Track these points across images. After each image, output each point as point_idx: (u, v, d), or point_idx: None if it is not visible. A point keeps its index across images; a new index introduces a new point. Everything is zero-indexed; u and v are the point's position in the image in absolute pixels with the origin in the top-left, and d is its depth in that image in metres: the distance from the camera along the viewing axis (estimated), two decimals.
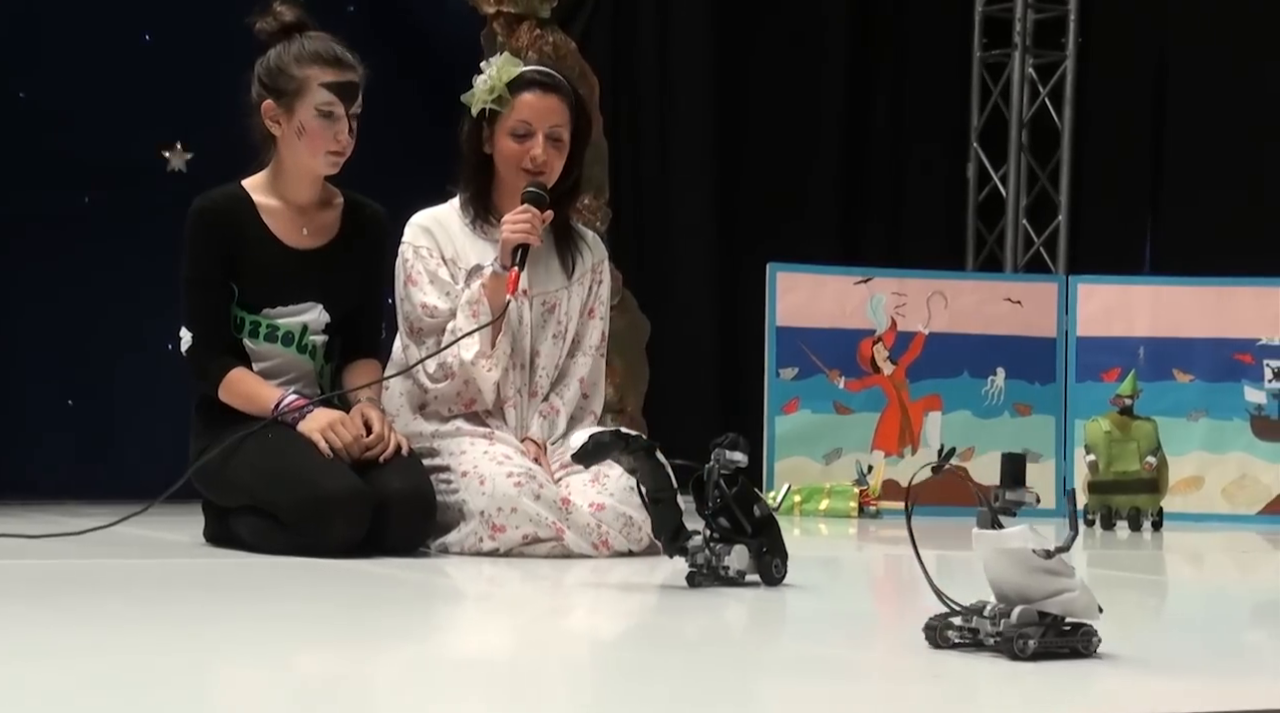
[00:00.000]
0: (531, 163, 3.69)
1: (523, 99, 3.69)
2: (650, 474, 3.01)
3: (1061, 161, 6.67)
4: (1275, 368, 5.37)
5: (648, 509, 3.06)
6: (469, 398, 3.68)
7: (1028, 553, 2.22)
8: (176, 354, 3.74)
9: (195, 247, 3.64)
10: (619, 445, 2.96)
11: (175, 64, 5.21)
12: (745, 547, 3.03)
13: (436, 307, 3.68)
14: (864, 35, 6.66)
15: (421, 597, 3.03)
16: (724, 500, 3.02)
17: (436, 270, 3.70)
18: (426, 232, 3.74)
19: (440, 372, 3.66)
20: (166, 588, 3.05)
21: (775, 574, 3.05)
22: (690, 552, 3.01)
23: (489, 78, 3.70)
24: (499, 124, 3.70)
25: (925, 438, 5.46)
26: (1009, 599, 2.25)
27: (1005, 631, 2.22)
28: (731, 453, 3.00)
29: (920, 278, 5.57)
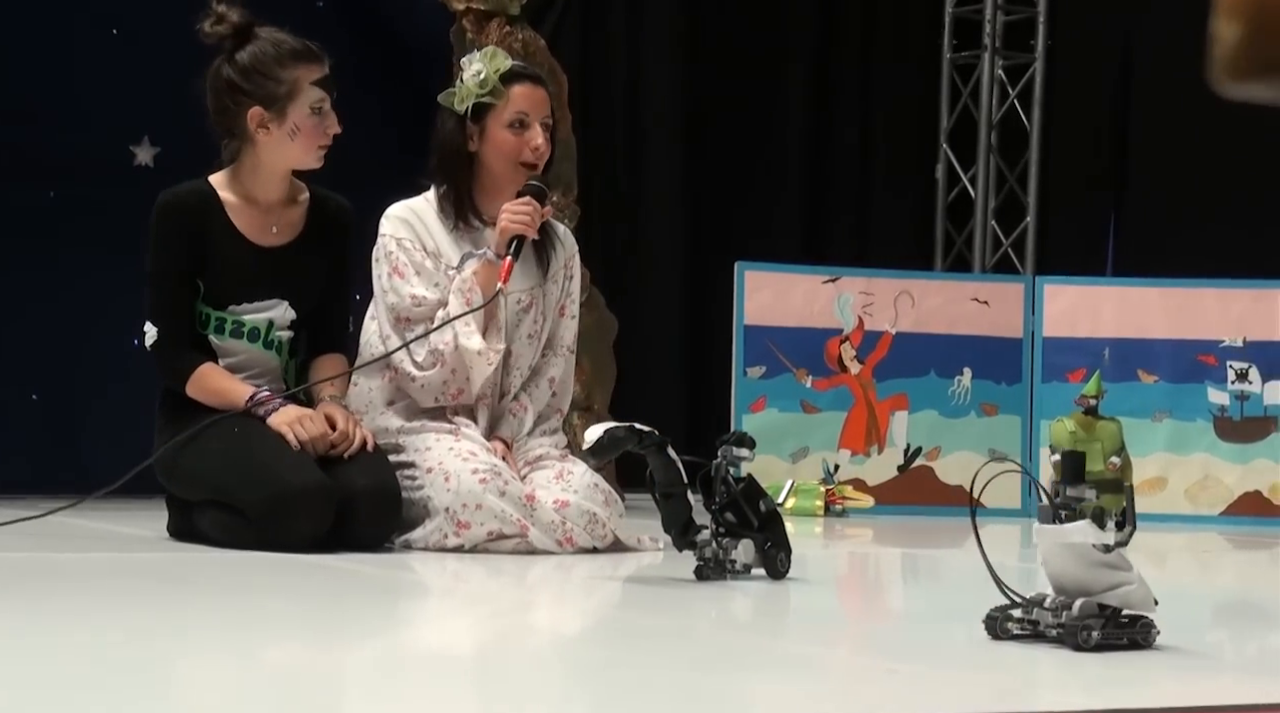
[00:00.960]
0: (532, 154, 3.66)
1: (517, 91, 3.66)
2: (662, 469, 3.07)
3: (1030, 163, 6.70)
4: (1238, 369, 5.40)
5: (658, 504, 3.10)
6: (456, 388, 3.64)
7: (1088, 547, 2.31)
8: (142, 349, 3.72)
9: (160, 241, 3.62)
10: (633, 440, 3.02)
11: (142, 59, 5.18)
12: (751, 541, 3.10)
13: (425, 297, 3.65)
14: (833, 35, 6.67)
15: (387, 592, 3.03)
16: (731, 496, 3.09)
17: (423, 262, 3.67)
18: (406, 224, 3.70)
19: (430, 358, 3.62)
20: (130, 582, 3.04)
21: (780, 568, 3.12)
22: (699, 546, 3.08)
23: (479, 72, 3.65)
24: (490, 118, 3.66)
25: (892, 437, 5.47)
26: (1068, 592, 2.33)
27: (1068, 622, 2.30)
28: (738, 449, 3.09)
29: (887, 278, 5.58)
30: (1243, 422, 5.38)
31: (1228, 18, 1.21)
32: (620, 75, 6.36)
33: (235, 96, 3.59)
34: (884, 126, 6.74)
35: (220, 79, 3.61)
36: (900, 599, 3.36)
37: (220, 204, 3.64)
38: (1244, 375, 5.38)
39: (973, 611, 3.12)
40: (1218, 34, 1.20)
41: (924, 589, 3.64)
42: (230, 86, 3.59)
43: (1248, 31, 1.19)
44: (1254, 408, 5.38)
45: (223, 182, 3.67)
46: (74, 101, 5.14)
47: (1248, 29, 1.20)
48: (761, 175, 6.53)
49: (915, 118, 6.81)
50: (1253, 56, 1.19)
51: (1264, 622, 3.05)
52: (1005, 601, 2.39)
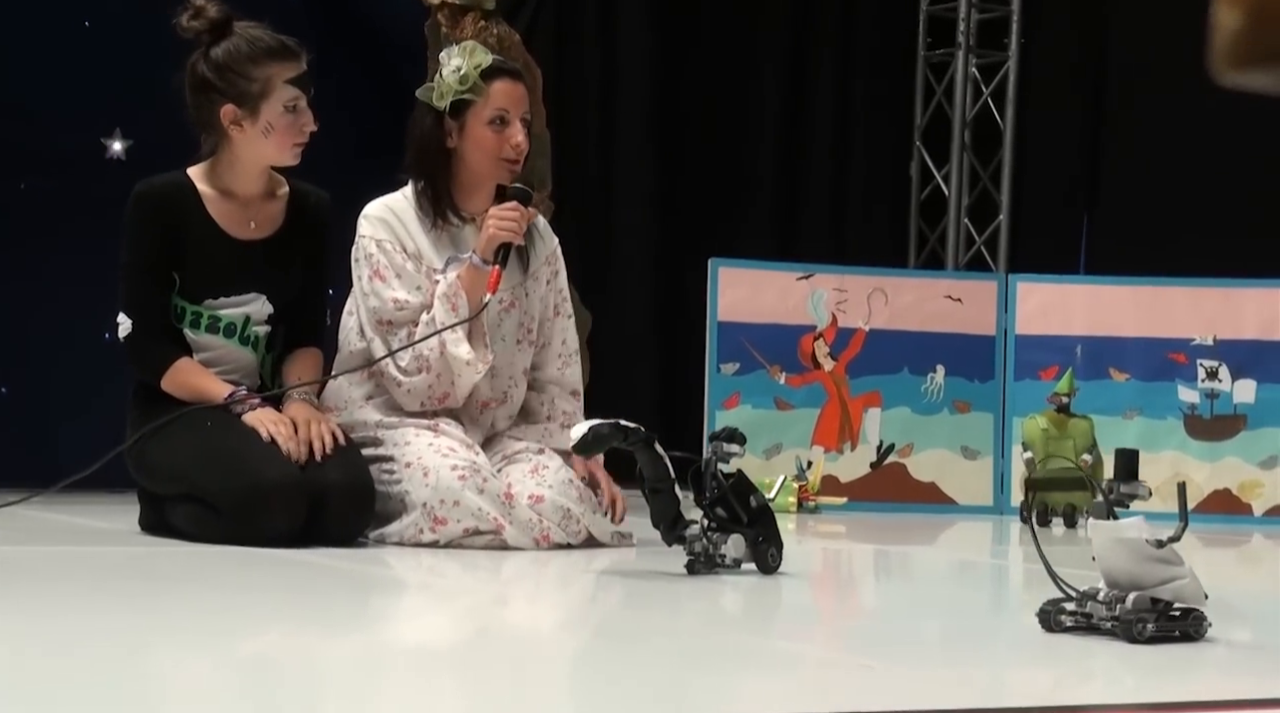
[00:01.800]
0: (513, 150, 3.62)
1: (497, 87, 3.63)
2: (650, 465, 3.08)
3: (1003, 161, 6.71)
4: (1208, 368, 5.42)
5: (646, 499, 3.11)
6: (442, 392, 3.61)
7: (1141, 542, 2.37)
8: (115, 342, 3.70)
9: (136, 232, 3.60)
10: (618, 436, 3.03)
11: (114, 50, 5.16)
12: (742, 536, 3.13)
13: (407, 300, 3.61)
14: (808, 33, 6.68)
15: (361, 587, 3.02)
16: (721, 491, 3.12)
17: (403, 265, 3.63)
18: (385, 224, 3.66)
19: (415, 364, 3.59)
20: (102, 576, 3.03)
21: (771, 563, 3.15)
22: (688, 540, 3.10)
23: (459, 67, 3.61)
24: (470, 115, 3.62)
25: (865, 434, 5.48)
26: (1121, 586, 2.39)
27: (1123, 615, 2.36)
28: (729, 445, 3.11)
29: (861, 275, 5.59)
30: (1212, 420, 5.41)
31: (1228, 6, 1.21)
32: (595, 70, 6.36)
33: (209, 93, 3.57)
34: (858, 124, 6.75)
35: (195, 75, 3.59)
36: (873, 595, 3.37)
37: (198, 197, 3.62)
38: (1214, 374, 5.41)
39: (946, 606, 3.14)
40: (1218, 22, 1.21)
41: (897, 585, 3.65)
42: (204, 83, 3.57)
43: (1248, 20, 1.20)
44: (1224, 406, 5.41)
45: (201, 174, 3.65)
46: (45, 93, 5.11)
47: (1248, 17, 1.20)
48: (736, 171, 6.53)
49: (889, 116, 6.82)
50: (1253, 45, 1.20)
51: (1240, 619, 3.06)
52: (974, 599, 2.41)
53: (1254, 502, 5.31)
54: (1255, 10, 1.21)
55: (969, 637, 2.65)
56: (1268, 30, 1.20)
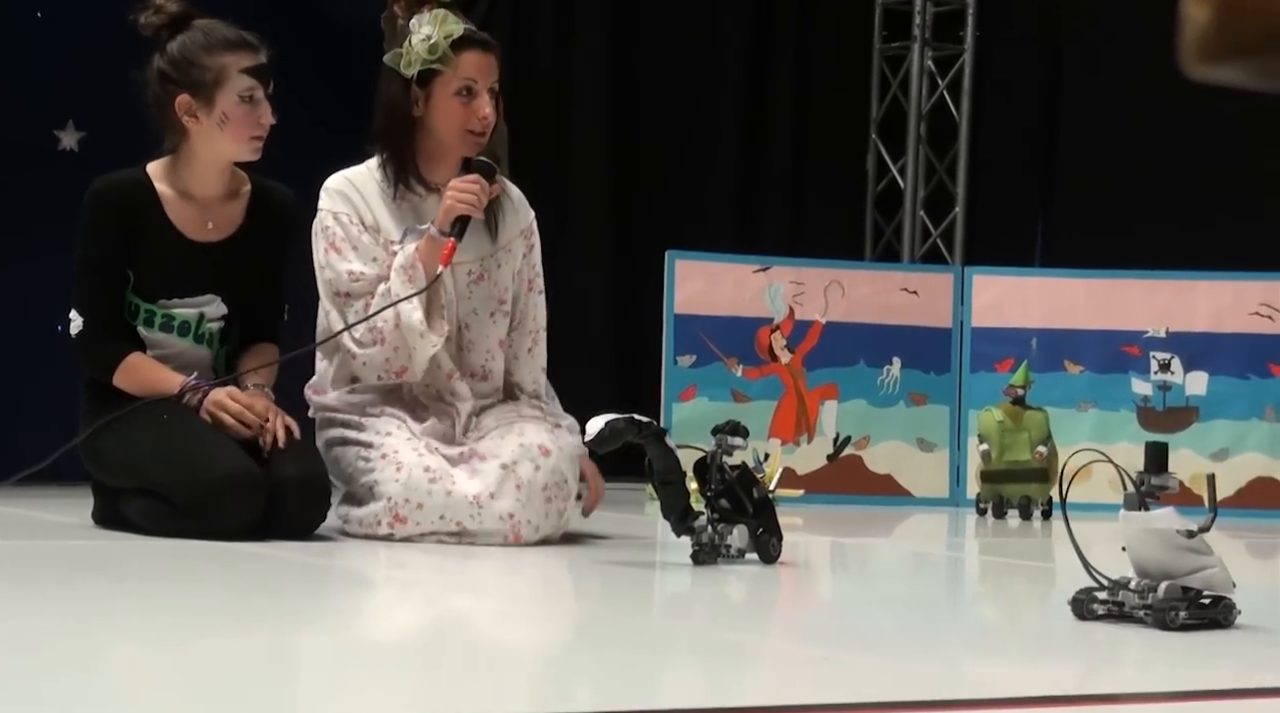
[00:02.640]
0: (480, 123, 3.57)
1: (466, 58, 3.57)
2: (660, 458, 3.17)
3: (959, 154, 6.74)
4: (1161, 360, 5.46)
5: (656, 492, 3.19)
6: (399, 366, 3.56)
7: (1172, 533, 2.45)
8: (67, 336, 3.68)
9: (91, 229, 3.57)
10: (632, 431, 3.12)
11: (68, 42, 5.13)
12: (745, 527, 3.23)
13: (363, 272, 3.57)
14: (764, 26, 6.68)
15: (318, 580, 3.02)
16: (726, 483, 3.23)
17: (360, 237, 3.59)
18: (344, 197, 3.62)
19: (370, 336, 3.55)
20: (56, 569, 3.02)
21: (772, 553, 3.25)
22: (695, 531, 3.19)
23: (429, 36, 3.56)
24: (438, 84, 3.57)
25: (821, 426, 5.50)
26: (1151, 575, 2.47)
27: (1156, 604, 2.44)
28: (733, 438, 3.22)
29: (818, 267, 5.60)
30: (1165, 412, 5.45)
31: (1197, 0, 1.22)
32: (550, 62, 6.34)
33: (165, 85, 3.55)
34: (815, 117, 6.76)
35: (153, 69, 3.57)
36: (830, 587, 3.38)
37: (156, 196, 3.59)
38: (1166, 366, 5.45)
39: (904, 598, 3.15)
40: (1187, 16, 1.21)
41: (853, 577, 3.66)
42: (161, 76, 3.56)
43: (1217, 14, 1.21)
44: (1176, 398, 5.45)
45: (160, 173, 3.62)
46: None
47: (1217, 12, 1.21)
48: (693, 164, 6.53)
49: (845, 108, 6.83)
50: (1222, 39, 1.21)
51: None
52: (929, 592, 2.44)
53: (1205, 494, 5.35)
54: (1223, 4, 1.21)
55: (942, 629, 2.67)
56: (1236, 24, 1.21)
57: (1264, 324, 5.41)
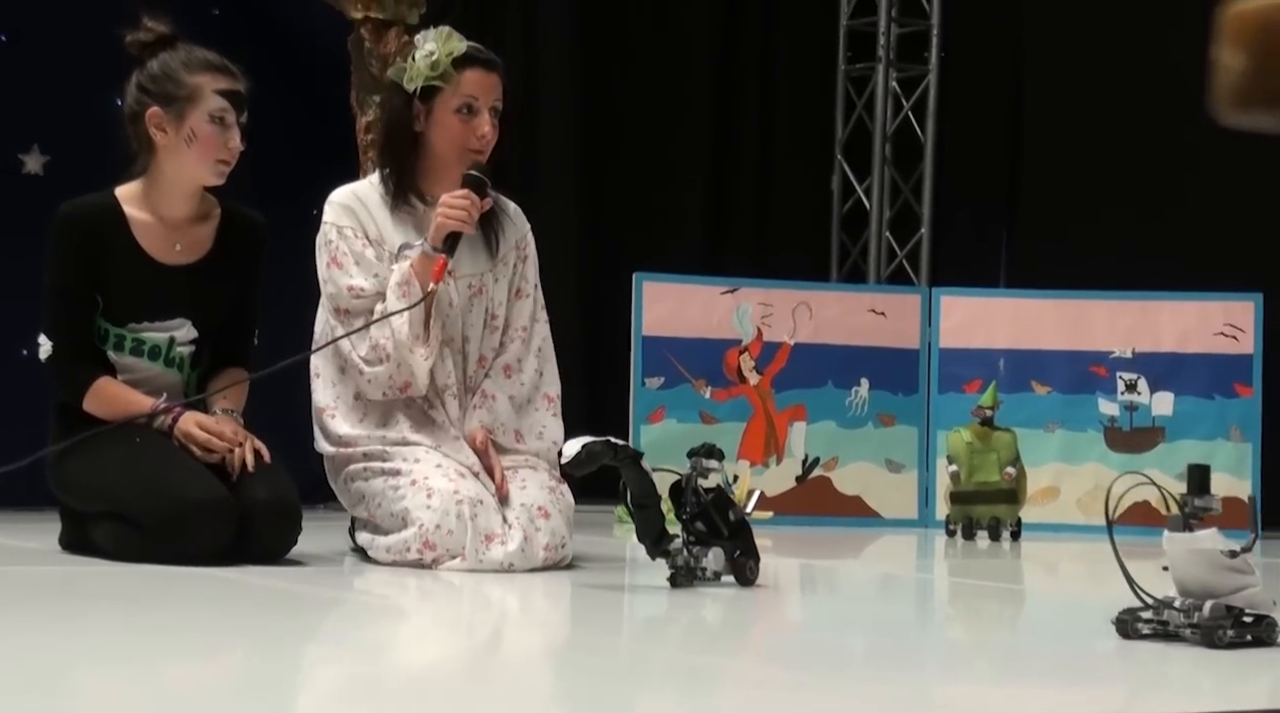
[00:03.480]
0: (479, 141, 3.59)
1: (468, 75, 3.59)
2: (636, 481, 3.18)
3: (924, 174, 6.76)
4: (1127, 380, 5.48)
5: (632, 515, 3.21)
6: (403, 381, 3.57)
7: (1215, 553, 2.52)
8: (30, 360, 3.66)
9: (59, 254, 3.56)
10: (609, 454, 3.13)
11: (33, 65, 5.11)
12: (721, 549, 3.24)
13: (363, 288, 3.59)
14: (728, 47, 6.70)
15: (291, 605, 3.00)
16: (701, 506, 3.24)
17: (363, 251, 3.60)
18: (349, 210, 3.63)
19: (373, 355, 3.56)
20: (23, 595, 2.99)
21: (749, 575, 3.26)
22: (671, 554, 3.20)
23: (432, 52, 3.58)
24: (439, 101, 3.59)
25: (790, 448, 5.50)
26: (1194, 594, 2.54)
27: (1203, 622, 2.52)
28: (708, 461, 3.25)
29: (786, 289, 5.61)
30: (1132, 432, 5.47)
31: (1233, 48, 1.23)
32: (517, 84, 6.33)
33: (140, 97, 3.58)
34: (780, 138, 6.78)
35: (131, 83, 3.59)
36: (800, 610, 3.38)
37: (124, 219, 3.58)
38: (1133, 386, 5.47)
39: (872, 621, 3.15)
40: (1222, 63, 1.22)
41: (821, 600, 3.66)
42: (138, 88, 3.59)
43: (1254, 63, 1.22)
44: (1143, 418, 5.47)
45: (128, 196, 3.61)
46: None
47: (1254, 60, 1.22)
48: (659, 186, 6.54)
49: (811, 130, 6.85)
50: (1259, 87, 1.22)
51: None
52: (899, 613, 2.45)
53: (1249, 517, 5.37)
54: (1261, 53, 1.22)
55: (917, 652, 2.67)
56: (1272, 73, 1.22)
57: (1229, 344, 5.45)
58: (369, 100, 5.34)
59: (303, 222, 4.43)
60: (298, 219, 4.52)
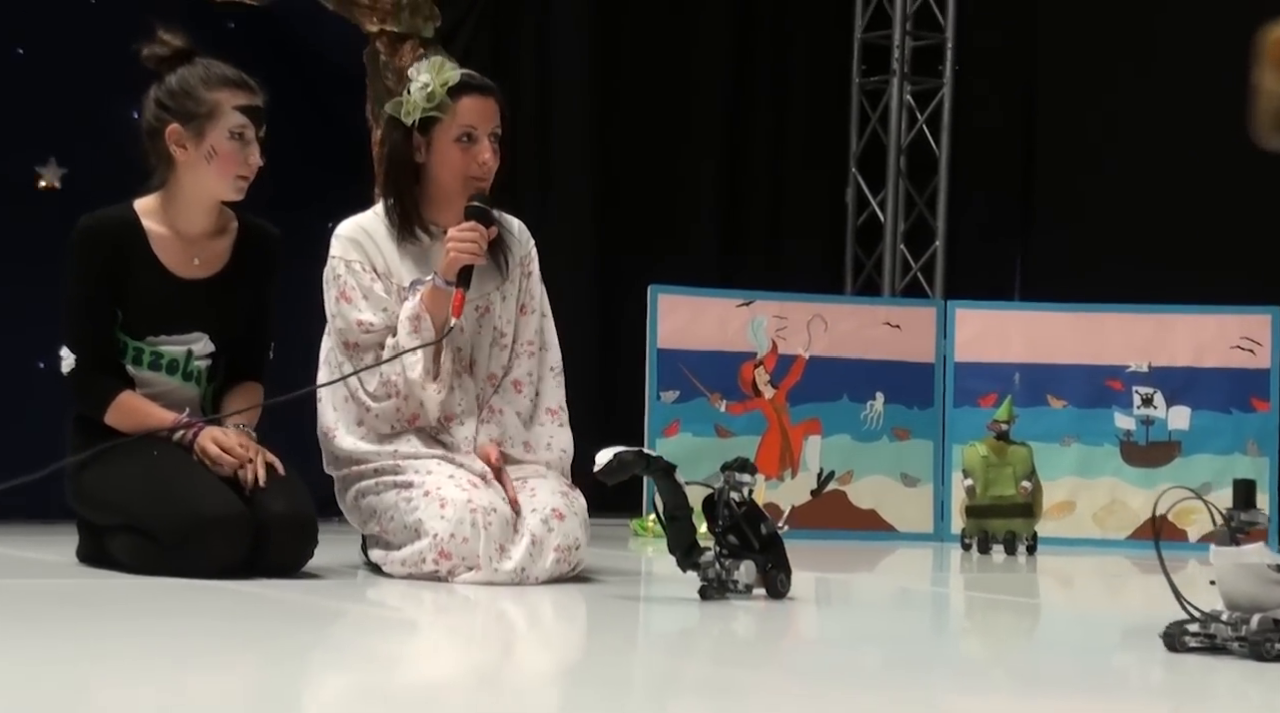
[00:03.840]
0: (480, 169, 3.60)
1: (464, 104, 3.60)
2: (668, 493, 3.20)
3: (939, 188, 6.76)
4: (1143, 394, 5.47)
5: (663, 526, 3.22)
6: (410, 414, 3.59)
7: (1263, 567, 2.54)
8: (48, 372, 3.67)
9: (79, 267, 3.56)
10: (640, 464, 3.16)
11: (50, 79, 5.12)
12: (753, 562, 3.25)
13: (372, 323, 3.60)
14: (743, 60, 6.71)
15: (308, 618, 3.00)
16: (733, 518, 3.25)
17: (371, 286, 3.61)
18: (356, 244, 3.64)
19: (383, 390, 3.57)
20: (41, 607, 3.00)
21: (780, 588, 3.28)
22: (702, 566, 3.22)
23: (427, 84, 3.59)
24: (438, 131, 3.59)
25: (805, 461, 5.49)
26: (1241, 608, 2.56)
27: (1251, 635, 2.53)
28: (740, 474, 3.26)
29: (801, 302, 5.61)
30: (1148, 446, 5.46)
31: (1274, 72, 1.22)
32: (531, 96, 6.35)
33: (159, 114, 3.57)
34: (795, 152, 6.78)
35: (150, 98, 3.59)
36: (815, 623, 3.37)
37: (143, 233, 3.58)
38: (1149, 400, 5.46)
39: (889, 634, 3.15)
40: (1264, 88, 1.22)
41: (837, 613, 3.65)
42: (157, 104, 3.58)
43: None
44: (1159, 432, 5.46)
45: (147, 209, 3.61)
46: None
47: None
48: (674, 199, 6.54)
49: (825, 143, 6.85)
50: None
51: None
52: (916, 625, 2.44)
53: (1189, 528, 5.36)
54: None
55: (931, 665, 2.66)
56: None
57: (1245, 358, 5.44)
58: (384, 113, 5.35)
59: (317, 234, 4.44)
60: (312, 232, 4.52)
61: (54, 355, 3.60)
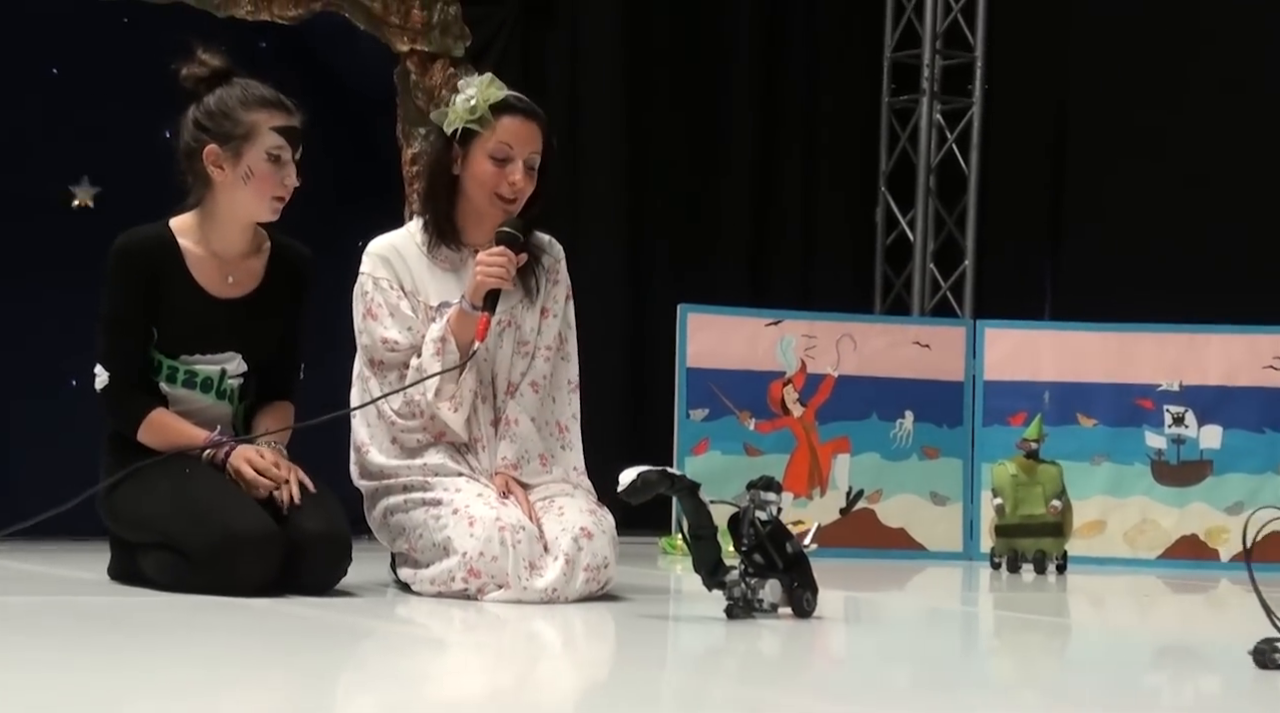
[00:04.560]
0: (509, 189, 3.61)
1: (504, 122, 3.61)
2: (693, 512, 3.20)
3: (968, 206, 6.75)
4: (1175, 413, 5.45)
5: (689, 546, 3.23)
6: (437, 432, 3.61)
7: None
8: (80, 390, 3.69)
9: (116, 286, 3.57)
10: (664, 484, 3.16)
11: (83, 98, 5.16)
12: (778, 581, 3.26)
13: (398, 341, 3.61)
14: (773, 79, 6.71)
15: (338, 636, 3.01)
16: (758, 538, 3.25)
17: (398, 303, 3.63)
18: (385, 262, 3.66)
19: (407, 410, 3.60)
20: (74, 625, 3.01)
21: (806, 607, 3.28)
22: (728, 586, 3.22)
23: (471, 97, 3.60)
24: (475, 145, 3.61)
25: (834, 480, 5.49)
26: None
27: None
28: (765, 493, 3.26)
29: (830, 321, 5.61)
30: (1179, 465, 5.43)
31: None
32: (562, 116, 6.37)
33: (197, 134, 3.58)
34: (824, 171, 6.78)
35: (188, 118, 3.60)
36: (845, 642, 3.37)
37: (179, 252, 3.60)
38: (1180, 419, 5.44)
39: (919, 654, 3.14)
40: None
41: (866, 632, 3.64)
42: (194, 124, 3.58)
43: None
44: (1190, 452, 5.43)
45: (184, 228, 3.63)
46: (11, 140, 5.11)
47: None
48: (704, 218, 6.55)
49: (855, 162, 6.85)
50: None
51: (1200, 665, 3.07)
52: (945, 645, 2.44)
53: (1220, 547, 5.34)
54: None
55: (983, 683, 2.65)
56: None
57: (1278, 378, 5.41)
58: (414, 132, 5.38)
59: (346, 253, 4.46)
60: (341, 251, 4.54)
61: (86, 374, 3.62)
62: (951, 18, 6.74)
